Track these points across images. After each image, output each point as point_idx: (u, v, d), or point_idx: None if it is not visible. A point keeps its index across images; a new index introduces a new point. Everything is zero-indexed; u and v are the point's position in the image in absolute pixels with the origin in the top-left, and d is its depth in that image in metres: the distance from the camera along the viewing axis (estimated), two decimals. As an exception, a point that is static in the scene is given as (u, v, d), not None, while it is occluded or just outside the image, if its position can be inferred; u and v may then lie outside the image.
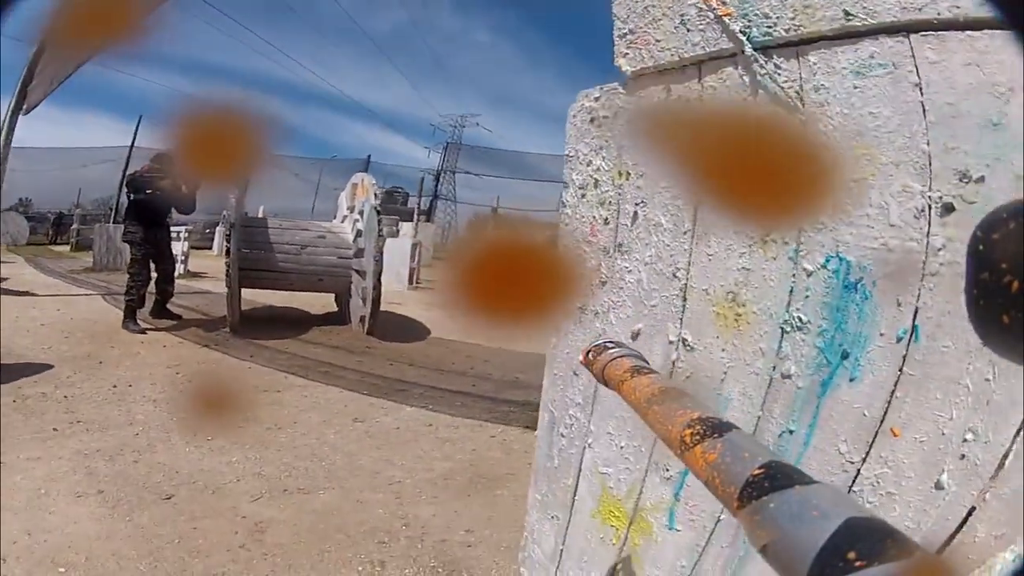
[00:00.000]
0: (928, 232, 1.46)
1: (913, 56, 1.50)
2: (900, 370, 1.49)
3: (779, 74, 1.72)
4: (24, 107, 12.67)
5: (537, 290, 1.40)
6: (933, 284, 1.45)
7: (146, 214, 9.05)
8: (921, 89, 1.47)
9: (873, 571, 0.52)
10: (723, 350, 1.85)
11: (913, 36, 1.50)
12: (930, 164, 1.45)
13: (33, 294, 12.09)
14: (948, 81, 1.43)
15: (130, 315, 8.91)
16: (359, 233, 9.78)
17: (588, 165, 2.25)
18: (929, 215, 1.45)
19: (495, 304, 1.35)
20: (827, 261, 1.63)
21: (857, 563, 0.54)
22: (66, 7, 1.46)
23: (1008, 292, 0.54)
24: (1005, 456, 1.36)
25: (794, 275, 1.68)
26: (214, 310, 10.32)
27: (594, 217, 2.23)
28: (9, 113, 12.50)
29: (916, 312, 1.47)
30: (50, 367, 6.75)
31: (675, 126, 1.94)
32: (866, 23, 1.57)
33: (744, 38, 1.76)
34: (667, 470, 1.95)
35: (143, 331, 8.73)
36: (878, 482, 1.53)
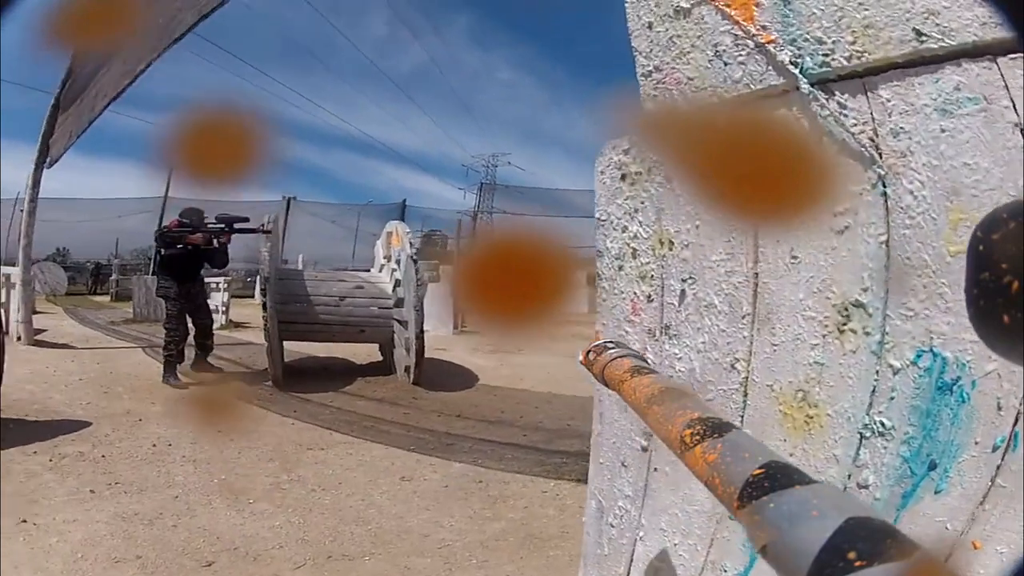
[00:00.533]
0: (1042, 320, 1.19)
1: (1006, 86, 1.24)
2: (992, 481, 1.28)
3: (845, 115, 1.47)
4: (48, 160, 12.94)
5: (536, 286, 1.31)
6: (1040, 383, 1.20)
7: (178, 268, 9.10)
8: (1022, 130, 1.20)
9: (873, 571, 0.53)
10: (790, 455, 1.59)
11: (1001, 60, 1.25)
12: None
13: (72, 347, 12.12)
14: (1054, 117, 1.13)
15: (170, 370, 8.87)
16: (397, 283, 9.75)
17: (623, 231, 2.01)
18: None
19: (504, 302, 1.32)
20: (918, 357, 1.39)
21: (857, 563, 0.54)
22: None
23: (1008, 292, 0.54)
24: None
25: (877, 372, 1.45)
26: (257, 362, 10.24)
27: (635, 293, 2.00)
28: (33, 167, 12.77)
29: (1018, 417, 1.24)
30: (88, 424, 6.66)
31: (715, 176, 1.71)
32: (943, 44, 1.33)
33: (796, 70, 1.52)
34: (724, 571, 1.74)
35: (185, 386, 8.68)
36: (947, 596, 1.32)
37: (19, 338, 12.01)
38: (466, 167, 52.93)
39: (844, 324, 1.49)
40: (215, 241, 9.07)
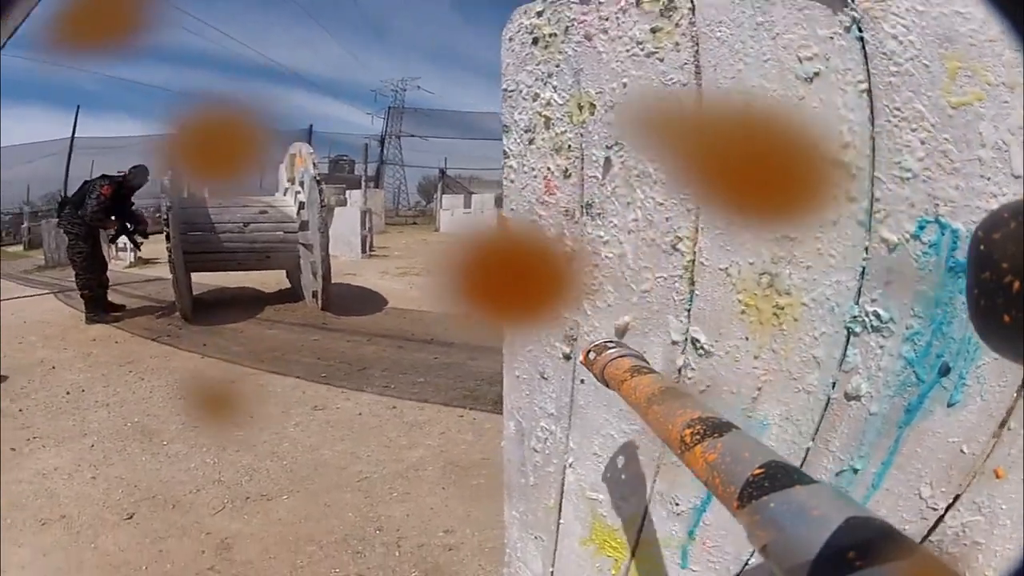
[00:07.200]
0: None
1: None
2: (1019, 392, 1.09)
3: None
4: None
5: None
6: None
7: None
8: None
9: (873, 571, 0.54)
10: (756, 358, 1.38)
11: None
12: None
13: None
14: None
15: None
16: (302, 205, 9.61)
17: (535, 100, 1.72)
18: None
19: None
20: (920, 229, 1.15)
21: (857, 563, 0.55)
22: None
23: (1009, 292, 0.54)
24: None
25: (867, 248, 1.21)
26: (167, 297, 10.02)
27: (549, 168, 1.70)
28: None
29: None
30: (5, 378, 6.57)
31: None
32: None
33: None
34: (676, 504, 1.55)
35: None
36: (964, 531, 1.18)
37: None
38: (375, 92, 52.10)
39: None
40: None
